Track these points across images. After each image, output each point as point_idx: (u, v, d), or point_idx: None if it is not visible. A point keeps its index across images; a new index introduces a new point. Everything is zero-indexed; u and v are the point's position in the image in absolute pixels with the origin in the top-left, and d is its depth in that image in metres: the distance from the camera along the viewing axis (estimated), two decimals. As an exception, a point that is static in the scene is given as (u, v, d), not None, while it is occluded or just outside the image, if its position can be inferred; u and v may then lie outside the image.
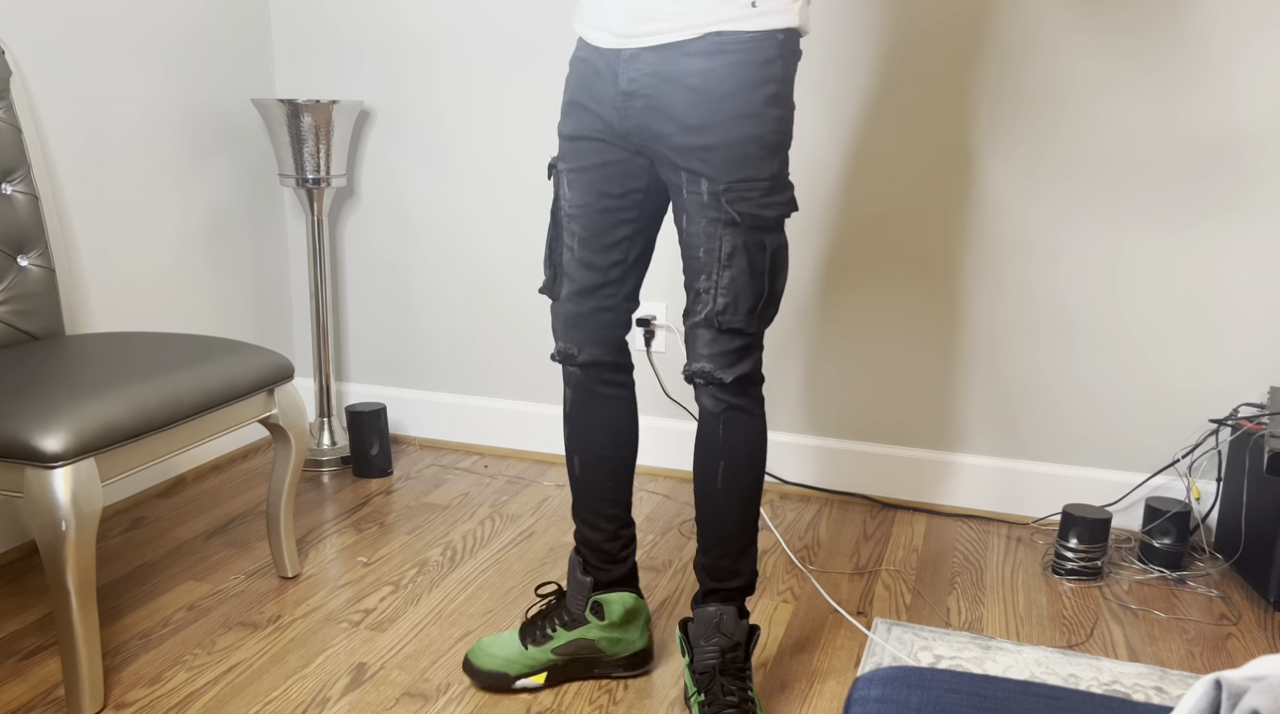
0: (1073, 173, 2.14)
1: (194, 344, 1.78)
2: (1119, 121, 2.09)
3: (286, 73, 2.66)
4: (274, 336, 2.76)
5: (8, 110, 1.84)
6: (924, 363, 2.33)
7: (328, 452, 2.59)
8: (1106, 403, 2.22)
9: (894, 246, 2.28)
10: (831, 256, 2.33)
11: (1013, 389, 2.28)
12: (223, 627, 1.79)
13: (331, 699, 1.58)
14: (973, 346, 2.29)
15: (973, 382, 2.30)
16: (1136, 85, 2.06)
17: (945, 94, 2.17)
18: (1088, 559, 2.02)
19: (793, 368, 2.42)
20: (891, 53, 2.19)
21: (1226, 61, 2.00)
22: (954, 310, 2.28)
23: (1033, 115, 2.13)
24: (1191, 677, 1.69)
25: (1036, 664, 1.71)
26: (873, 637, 1.79)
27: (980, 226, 2.22)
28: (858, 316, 2.35)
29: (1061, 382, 2.24)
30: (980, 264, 2.24)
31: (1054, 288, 2.20)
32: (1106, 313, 2.18)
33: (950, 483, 2.35)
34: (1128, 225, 2.13)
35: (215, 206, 2.51)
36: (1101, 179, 2.12)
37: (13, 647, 1.72)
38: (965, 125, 2.18)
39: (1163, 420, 2.20)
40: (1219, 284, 2.11)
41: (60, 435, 1.40)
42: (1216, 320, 2.12)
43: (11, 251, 1.84)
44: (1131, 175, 2.11)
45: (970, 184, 2.20)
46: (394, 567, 2.04)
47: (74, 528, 1.41)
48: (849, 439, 2.42)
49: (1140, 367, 2.19)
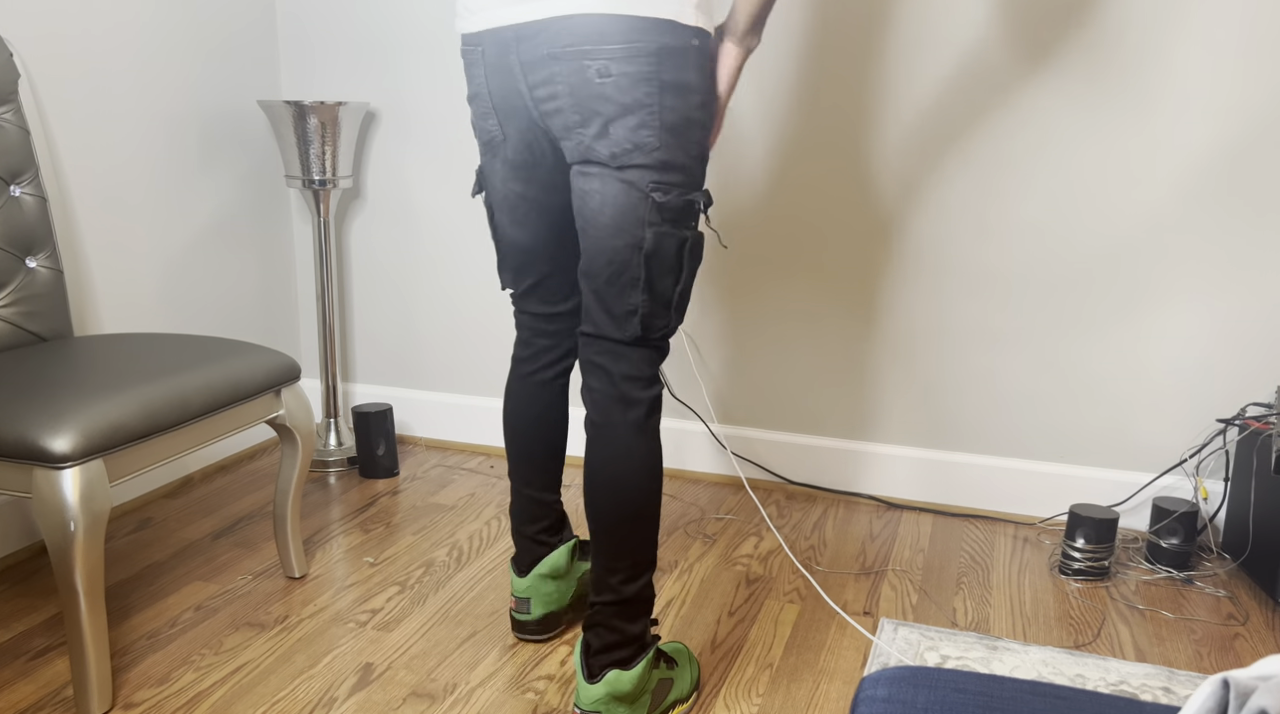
0: (1075, 172, 2.14)
1: (201, 345, 1.79)
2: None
3: (293, 74, 2.66)
4: (281, 337, 2.76)
5: (15, 113, 1.85)
6: (928, 363, 2.32)
7: (334, 452, 2.59)
8: (1113, 403, 2.22)
9: (882, 248, 2.28)
10: (826, 259, 2.33)
11: (1018, 389, 2.28)
12: (230, 627, 1.80)
13: (339, 699, 1.59)
14: (976, 347, 2.28)
15: (977, 382, 2.30)
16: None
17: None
18: (1095, 559, 2.01)
19: (794, 368, 2.42)
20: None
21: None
22: (956, 312, 2.28)
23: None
24: (1199, 677, 1.68)
25: (1043, 664, 1.70)
26: (878, 638, 1.79)
27: (987, 229, 2.21)
28: (859, 318, 2.35)
29: (1068, 381, 2.24)
30: (981, 267, 2.23)
31: (1057, 288, 2.20)
32: (1110, 313, 2.18)
33: (957, 483, 2.35)
34: (1128, 226, 2.13)
35: (222, 208, 2.51)
36: (1108, 178, 2.12)
37: (21, 647, 1.73)
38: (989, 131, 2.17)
39: (1170, 420, 2.19)
40: (1227, 283, 2.10)
41: (68, 436, 1.41)
42: (1224, 320, 2.12)
43: (20, 253, 1.84)
44: (1134, 178, 2.10)
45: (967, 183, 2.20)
46: (400, 567, 2.04)
47: (82, 528, 1.42)
48: (854, 439, 2.42)
49: (1147, 366, 2.18)
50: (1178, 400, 2.18)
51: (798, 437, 2.45)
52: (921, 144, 2.22)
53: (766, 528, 2.25)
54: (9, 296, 1.82)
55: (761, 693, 1.62)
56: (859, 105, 2.24)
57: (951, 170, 2.21)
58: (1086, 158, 2.13)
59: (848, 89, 2.24)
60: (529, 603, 1.73)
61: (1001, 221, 2.21)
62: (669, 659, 1.56)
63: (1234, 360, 2.13)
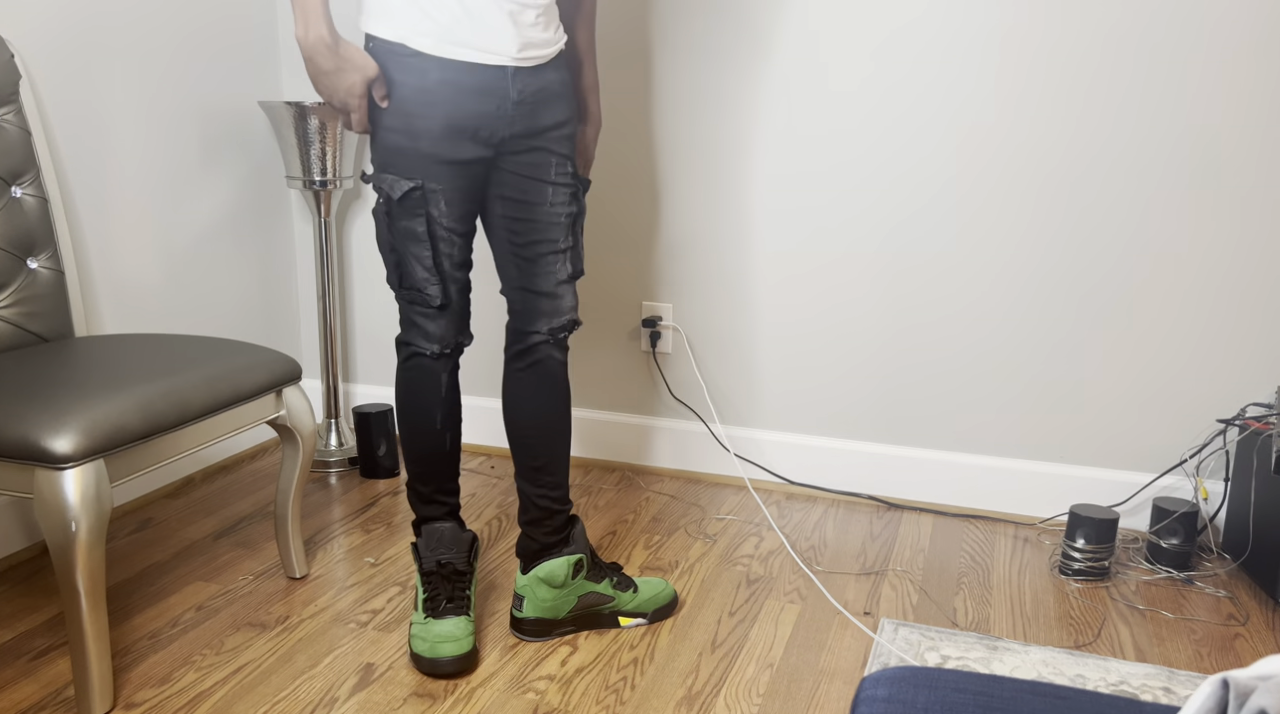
0: (1075, 171, 2.14)
1: (202, 346, 1.79)
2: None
3: (294, 75, 2.66)
4: (281, 338, 2.76)
5: (17, 113, 1.85)
6: (931, 363, 2.32)
7: (335, 452, 2.59)
8: (1113, 403, 2.22)
9: (882, 247, 2.28)
10: (827, 257, 2.33)
11: (1018, 389, 2.28)
12: (231, 627, 1.80)
13: (340, 699, 1.59)
14: (977, 347, 2.28)
15: (980, 382, 2.30)
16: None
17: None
18: (1095, 559, 2.02)
19: (798, 368, 2.42)
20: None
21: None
22: (957, 313, 2.28)
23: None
24: (1199, 677, 1.69)
25: (1044, 664, 1.70)
26: (879, 638, 1.79)
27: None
28: (860, 317, 2.35)
29: (1068, 381, 2.24)
30: (979, 266, 2.24)
31: (1057, 288, 2.20)
32: (1110, 313, 2.18)
33: (957, 483, 2.35)
34: (1129, 225, 2.13)
35: (223, 208, 2.52)
36: (1106, 175, 2.12)
37: (23, 647, 1.73)
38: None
39: (1170, 420, 2.19)
40: (1227, 282, 2.10)
41: (70, 437, 1.41)
42: (1224, 319, 2.12)
43: (21, 254, 1.84)
44: (1131, 175, 2.10)
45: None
46: (401, 567, 2.04)
47: (84, 529, 1.42)
48: (855, 439, 2.42)
49: (1147, 366, 2.18)
50: (1178, 400, 2.18)
51: (799, 437, 2.46)
52: (930, 140, 2.22)
53: (768, 527, 2.25)
54: (10, 297, 1.82)
55: (762, 693, 1.63)
56: (862, 100, 2.24)
57: (952, 171, 2.21)
58: (1084, 152, 2.13)
59: (849, 80, 2.24)
60: (523, 601, 1.75)
61: (1001, 223, 2.21)
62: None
63: (1234, 360, 2.13)
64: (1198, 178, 2.07)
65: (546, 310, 1.70)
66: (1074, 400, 2.24)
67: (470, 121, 1.57)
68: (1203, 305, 2.12)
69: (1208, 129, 2.05)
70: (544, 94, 1.63)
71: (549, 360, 1.73)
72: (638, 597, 1.82)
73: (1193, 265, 2.11)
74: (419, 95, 1.56)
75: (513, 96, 1.59)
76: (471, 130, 1.58)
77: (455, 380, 1.76)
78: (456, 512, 1.82)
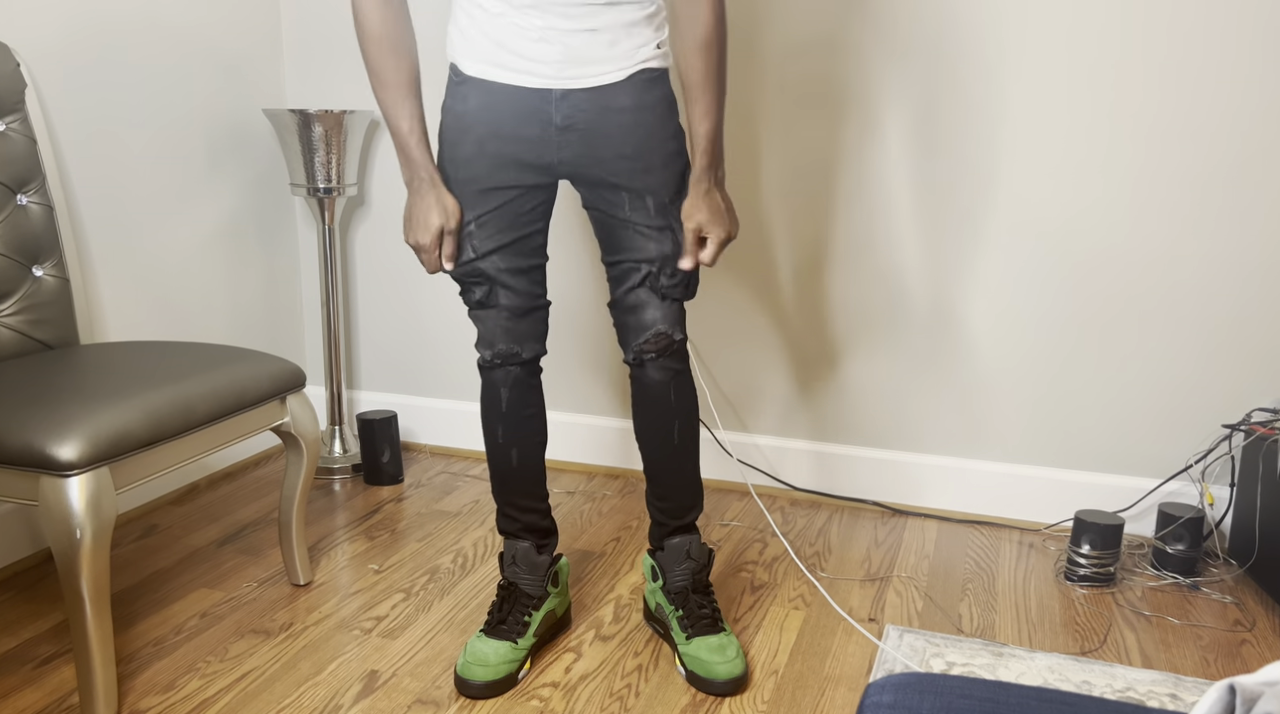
0: (1077, 174, 2.14)
1: (207, 353, 1.79)
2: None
3: (298, 83, 2.67)
4: (286, 345, 2.77)
5: (22, 122, 1.86)
6: (935, 369, 2.32)
7: (339, 459, 2.60)
8: (1118, 408, 2.22)
9: (886, 254, 2.28)
10: (830, 264, 2.33)
11: (1022, 395, 2.27)
12: (235, 634, 1.80)
13: (344, 707, 1.59)
14: (980, 353, 2.28)
15: (981, 388, 2.30)
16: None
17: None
18: (1100, 565, 2.01)
19: (803, 375, 2.42)
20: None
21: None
22: (960, 318, 2.28)
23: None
24: (1206, 683, 1.68)
25: (1049, 671, 1.70)
26: (883, 644, 1.78)
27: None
28: (864, 324, 2.35)
29: (1072, 387, 2.24)
30: (982, 272, 2.23)
31: (1060, 293, 2.20)
32: (1115, 318, 2.18)
33: (962, 489, 2.35)
34: (1132, 229, 2.13)
35: (227, 216, 2.52)
36: (1112, 180, 2.12)
37: (28, 654, 1.73)
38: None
39: (1175, 426, 2.19)
40: (1232, 287, 2.10)
41: (75, 444, 1.41)
42: (1229, 325, 2.11)
43: (26, 262, 1.85)
44: (1137, 180, 2.10)
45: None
46: (405, 574, 2.04)
47: (88, 536, 1.42)
48: (859, 445, 2.42)
49: (1152, 371, 2.18)
50: (1183, 406, 2.18)
51: (803, 443, 2.45)
52: (912, 150, 2.22)
53: (772, 534, 2.25)
54: (16, 305, 1.83)
55: (767, 699, 1.62)
56: (864, 106, 2.25)
57: (948, 176, 2.21)
58: (1090, 158, 2.13)
59: (850, 90, 2.25)
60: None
61: (1002, 226, 2.21)
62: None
63: (1239, 366, 2.12)
64: (1198, 183, 2.07)
65: (633, 326, 1.62)
66: (1078, 406, 2.24)
67: (509, 147, 1.49)
68: (1208, 310, 2.12)
69: (1206, 130, 2.05)
70: (604, 120, 1.48)
71: (646, 375, 1.63)
72: (689, 646, 1.68)
73: (1197, 270, 2.11)
74: (458, 122, 1.52)
75: (556, 121, 1.48)
76: (511, 156, 1.50)
77: (523, 396, 1.65)
78: (536, 531, 1.73)
